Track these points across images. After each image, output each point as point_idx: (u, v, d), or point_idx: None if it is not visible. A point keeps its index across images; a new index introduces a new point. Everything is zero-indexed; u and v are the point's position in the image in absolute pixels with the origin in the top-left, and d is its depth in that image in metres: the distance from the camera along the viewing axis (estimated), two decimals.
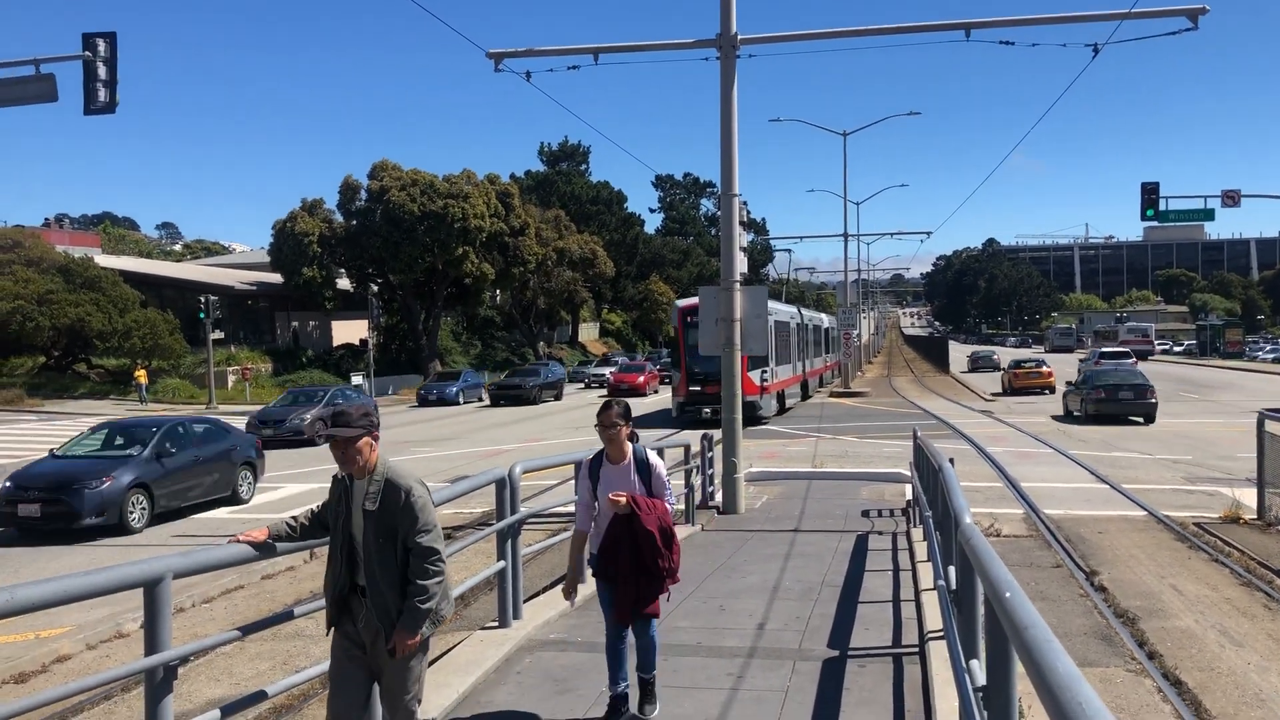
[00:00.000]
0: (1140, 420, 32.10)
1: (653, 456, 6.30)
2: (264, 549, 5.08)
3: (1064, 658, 2.53)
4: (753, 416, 31.42)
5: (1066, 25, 16.76)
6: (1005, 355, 78.00)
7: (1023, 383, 48.56)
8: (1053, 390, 45.72)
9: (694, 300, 30.65)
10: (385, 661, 4.85)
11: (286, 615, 5.85)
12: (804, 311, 48.62)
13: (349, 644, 4.94)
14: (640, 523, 6.01)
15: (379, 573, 4.78)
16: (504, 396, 47.70)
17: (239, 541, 5.03)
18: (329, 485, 5.15)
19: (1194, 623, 10.41)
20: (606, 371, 60.49)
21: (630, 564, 6.07)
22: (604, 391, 54.35)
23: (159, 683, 4.40)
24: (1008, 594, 3.48)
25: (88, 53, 20.38)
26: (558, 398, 50.90)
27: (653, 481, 6.23)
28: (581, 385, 62.22)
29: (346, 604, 4.93)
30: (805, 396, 46.33)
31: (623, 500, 6.02)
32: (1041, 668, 2.53)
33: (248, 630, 5.56)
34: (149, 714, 4.41)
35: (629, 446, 6.26)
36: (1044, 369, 49.72)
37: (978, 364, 75.48)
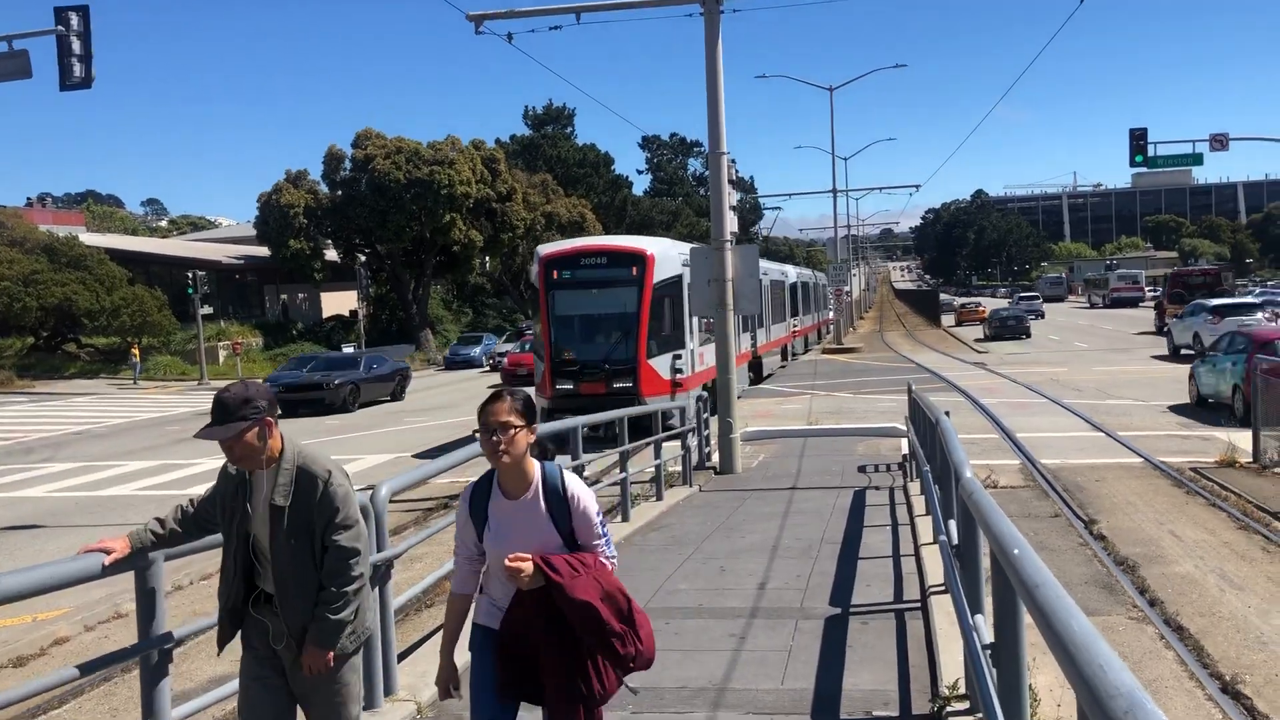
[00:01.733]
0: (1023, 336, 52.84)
1: (574, 484, 3.99)
2: (121, 564, 4.16)
3: (1079, 616, 2.46)
4: (658, 426, 16.61)
5: None
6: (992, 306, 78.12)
7: (965, 316, 73.36)
8: (984, 321, 61.65)
9: (565, 247, 22.31)
10: (310, 687, 4.09)
11: None
12: (769, 265, 38.14)
13: (262, 667, 4.11)
14: (565, 593, 3.79)
15: (292, 579, 4.00)
16: (298, 403, 30.07)
17: (91, 551, 4.12)
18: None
19: (1193, 568, 10.43)
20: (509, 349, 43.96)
21: (560, 664, 3.86)
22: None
23: (154, 665, 4.34)
24: (1015, 550, 3.42)
25: (60, 27, 20.06)
26: (397, 395, 35.10)
27: (575, 523, 3.94)
28: (485, 368, 49.19)
29: (245, 618, 4.14)
30: (785, 359, 41.25)
31: (525, 570, 3.80)
32: (1056, 627, 2.46)
33: None
34: (145, 698, 4.35)
35: (534, 468, 3.97)
36: (980, 308, 73.73)
37: (965, 318, 74.83)
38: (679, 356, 21.32)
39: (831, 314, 64.28)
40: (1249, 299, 42.15)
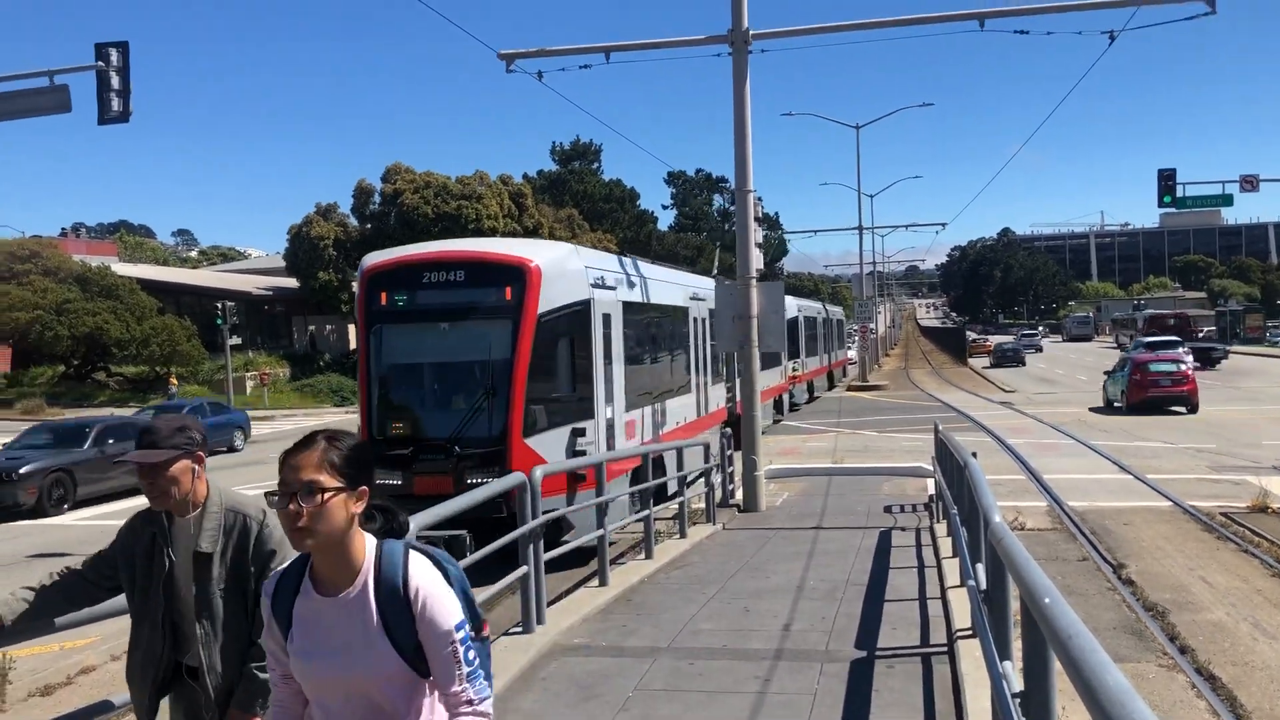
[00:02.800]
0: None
1: (420, 574, 2.68)
2: None
3: (1113, 670, 2.45)
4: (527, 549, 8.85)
5: (1082, 13, 16.63)
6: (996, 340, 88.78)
7: (975, 349, 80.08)
8: (989, 352, 72.73)
9: (400, 255, 14.10)
10: None
11: None
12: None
13: None
14: None
15: (220, 635, 3.59)
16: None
17: None
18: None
19: (1225, 615, 10.28)
20: None
21: None
22: None
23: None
24: (1047, 600, 3.40)
25: (100, 63, 20.42)
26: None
27: (421, 638, 2.66)
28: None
29: (172, 689, 3.72)
30: (781, 411, 33.60)
31: None
32: (1090, 681, 2.44)
33: None
34: None
35: (365, 548, 2.72)
36: (987, 342, 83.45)
37: (975, 350, 79.59)
38: (581, 433, 13.27)
39: (853, 353, 62.67)
40: (1171, 339, 55.03)
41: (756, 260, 16.82)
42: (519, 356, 12.63)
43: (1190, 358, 36.33)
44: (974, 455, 8.83)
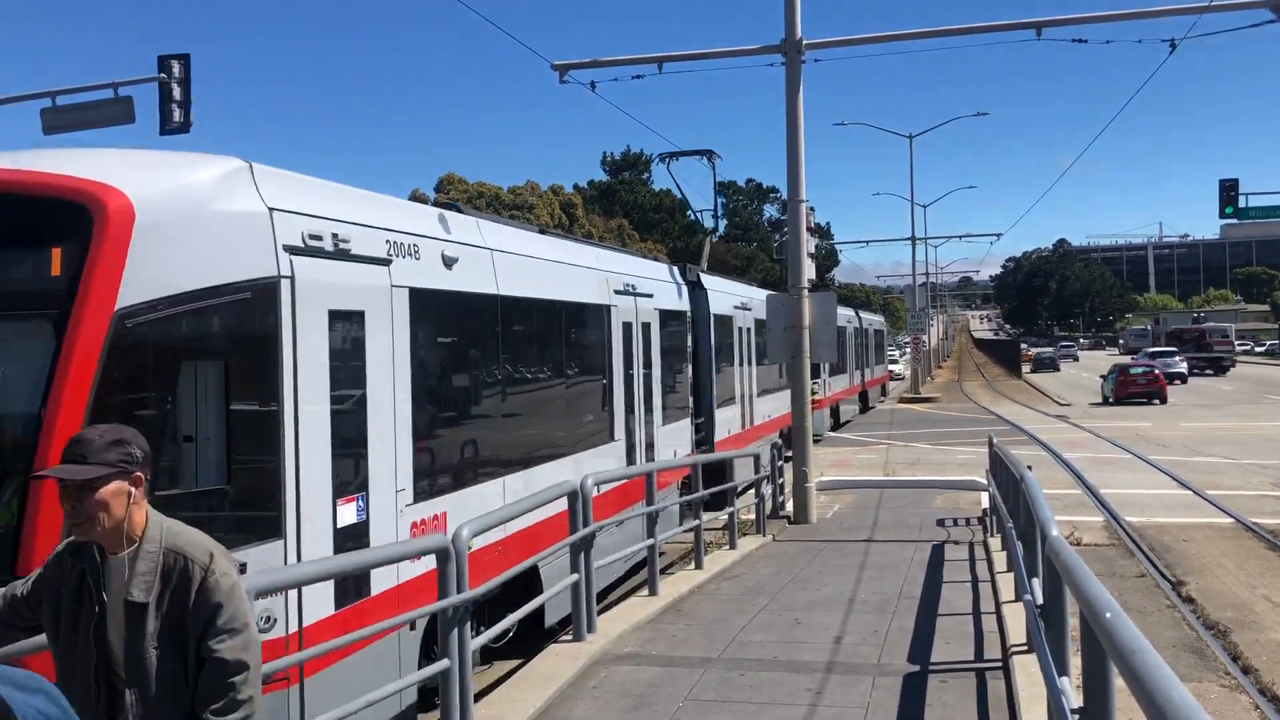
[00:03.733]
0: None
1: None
2: None
3: (1179, 686, 2.41)
4: None
5: (1142, 21, 16.41)
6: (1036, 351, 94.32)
7: (1027, 359, 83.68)
8: (1030, 360, 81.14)
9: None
10: None
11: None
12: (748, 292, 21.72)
13: None
14: None
15: (154, 705, 2.95)
16: None
17: None
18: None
19: None
20: None
21: None
22: None
23: None
24: (1108, 614, 3.35)
25: (163, 74, 20.85)
26: None
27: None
28: None
29: None
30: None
31: None
32: (1155, 697, 2.41)
33: None
34: None
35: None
36: (1028, 351, 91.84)
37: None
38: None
39: (896, 367, 60.46)
40: (1168, 349, 63.07)
41: (809, 270, 16.72)
42: (60, 408, 5.41)
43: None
44: (1029, 468, 8.73)
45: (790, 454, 16.94)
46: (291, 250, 6.44)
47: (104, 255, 5.57)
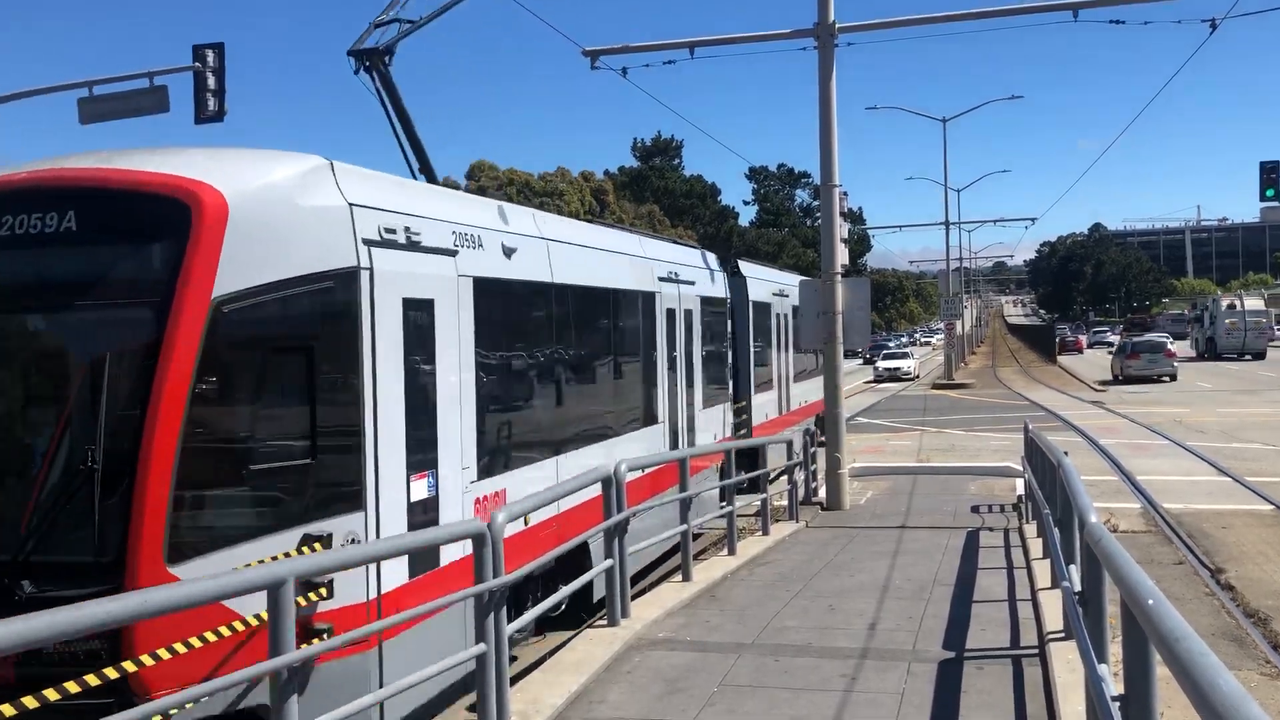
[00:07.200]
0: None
1: None
2: None
3: (1225, 674, 2.39)
4: None
5: (1181, 1, 16.14)
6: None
7: (1065, 346, 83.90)
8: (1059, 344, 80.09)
9: None
10: None
11: None
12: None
13: None
14: None
15: None
16: None
17: None
18: None
19: None
20: None
21: None
22: None
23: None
24: (1150, 601, 3.33)
25: (198, 64, 21.02)
26: None
27: None
28: None
29: None
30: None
31: None
32: (1200, 684, 2.39)
33: None
34: None
35: None
36: (1079, 339, 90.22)
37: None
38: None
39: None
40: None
41: (842, 256, 16.64)
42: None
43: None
44: (1065, 454, 8.66)
45: (824, 440, 16.91)
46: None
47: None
